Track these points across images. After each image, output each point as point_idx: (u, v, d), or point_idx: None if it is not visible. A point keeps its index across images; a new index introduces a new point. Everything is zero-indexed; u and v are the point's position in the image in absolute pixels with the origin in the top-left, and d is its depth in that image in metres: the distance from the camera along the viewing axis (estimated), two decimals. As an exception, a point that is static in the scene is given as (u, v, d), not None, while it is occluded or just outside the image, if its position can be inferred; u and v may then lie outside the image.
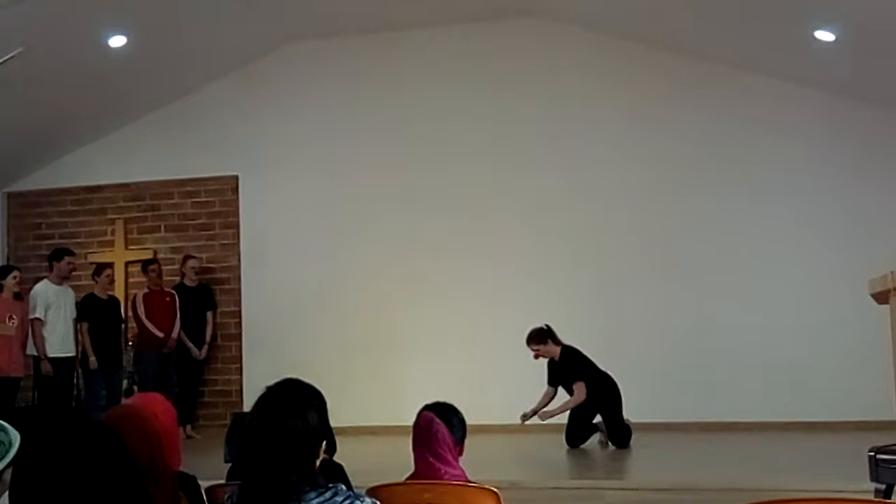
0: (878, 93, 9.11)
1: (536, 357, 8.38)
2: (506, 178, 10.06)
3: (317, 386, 2.68)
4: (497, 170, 10.09)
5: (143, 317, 9.71)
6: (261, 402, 2.38)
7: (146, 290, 9.98)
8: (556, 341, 8.42)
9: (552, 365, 8.47)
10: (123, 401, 9.10)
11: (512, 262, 9.96)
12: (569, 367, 8.31)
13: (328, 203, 10.49)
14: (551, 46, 10.15)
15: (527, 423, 8.36)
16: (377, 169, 10.36)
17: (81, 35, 8.87)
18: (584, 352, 8.55)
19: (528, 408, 8.33)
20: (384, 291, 10.17)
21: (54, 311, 8.91)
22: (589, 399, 8.21)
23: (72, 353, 9.06)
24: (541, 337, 8.37)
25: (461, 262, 10.02)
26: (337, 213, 10.45)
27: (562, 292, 9.78)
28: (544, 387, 9.17)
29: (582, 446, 8.29)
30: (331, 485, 2.32)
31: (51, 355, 8.81)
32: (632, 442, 8.27)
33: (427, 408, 3.42)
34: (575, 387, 8.24)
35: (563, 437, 8.27)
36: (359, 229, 10.35)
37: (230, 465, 4.09)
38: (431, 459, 3.28)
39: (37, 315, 8.82)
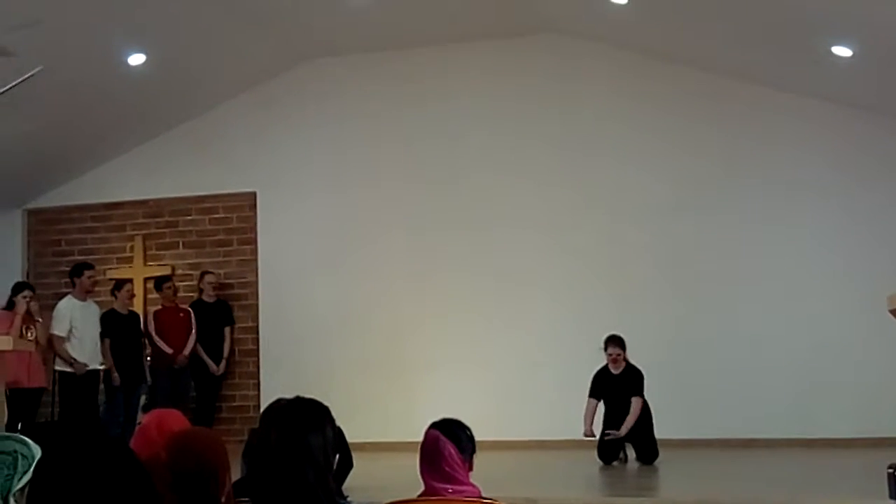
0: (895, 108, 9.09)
1: (615, 361, 8.29)
2: (523, 195, 10.07)
3: (335, 401, 2.70)
4: (514, 186, 10.09)
5: (153, 334, 9.77)
6: (277, 420, 2.39)
7: (159, 307, 10.06)
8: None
9: (605, 377, 8.39)
10: (140, 416, 9.17)
11: (530, 278, 9.95)
12: (634, 380, 8.26)
13: (345, 219, 10.52)
14: (562, 62, 10.15)
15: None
16: (393, 185, 10.39)
17: (101, 53, 8.96)
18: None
19: (587, 427, 8.27)
20: (401, 306, 10.18)
21: (81, 327, 8.97)
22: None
23: (98, 368, 9.11)
24: (623, 343, 8.36)
25: (479, 278, 10.02)
26: (354, 229, 10.48)
27: (580, 308, 9.76)
28: (561, 402, 9.19)
29: (592, 463, 8.27)
30: (343, 500, 2.34)
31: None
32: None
33: (434, 425, 3.39)
34: (634, 400, 8.20)
35: (595, 453, 8.23)
36: (375, 245, 10.37)
37: (235, 481, 4.05)
38: (437, 482, 3.25)
39: (56, 332, 8.89)
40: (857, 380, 9.03)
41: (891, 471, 4.27)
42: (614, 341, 8.35)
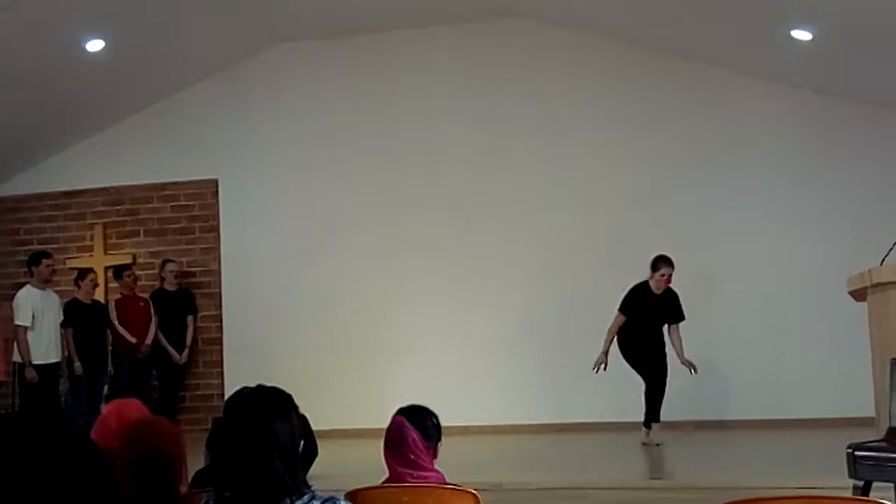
0: (854, 90, 9.19)
1: (668, 281, 8.07)
2: (491, 180, 10.05)
3: (300, 388, 2.69)
4: (482, 171, 10.07)
5: (115, 323, 9.67)
6: (241, 409, 2.38)
7: (119, 297, 9.95)
8: None
9: (645, 295, 8.13)
10: (102, 407, 9.08)
11: (496, 263, 9.95)
12: (676, 302, 8.11)
13: (309, 206, 10.45)
14: (536, 47, 10.14)
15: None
16: (359, 171, 10.33)
17: (59, 40, 8.81)
18: (571, 352, 8.59)
19: (606, 346, 8.18)
20: (366, 293, 10.15)
21: (40, 317, 8.85)
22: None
23: (57, 360, 9.00)
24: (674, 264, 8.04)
25: (444, 264, 10.01)
26: (318, 216, 10.42)
27: (547, 292, 9.78)
28: (528, 387, 9.23)
29: (559, 446, 8.32)
30: (307, 489, 2.33)
31: (36, 362, 8.76)
32: (617, 440, 8.33)
33: (400, 411, 3.40)
34: (675, 328, 8.13)
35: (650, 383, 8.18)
36: (340, 232, 10.31)
37: (197, 470, 4.02)
38: (401, 467, 3.27)
39: (20, 322, 8.76)
40: (817, 360, 9.14)
41: (850, 451, 4.33)
42: (668, 262, 8.06)
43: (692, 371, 8.04)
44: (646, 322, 8.13)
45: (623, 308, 8.19)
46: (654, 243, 9.64)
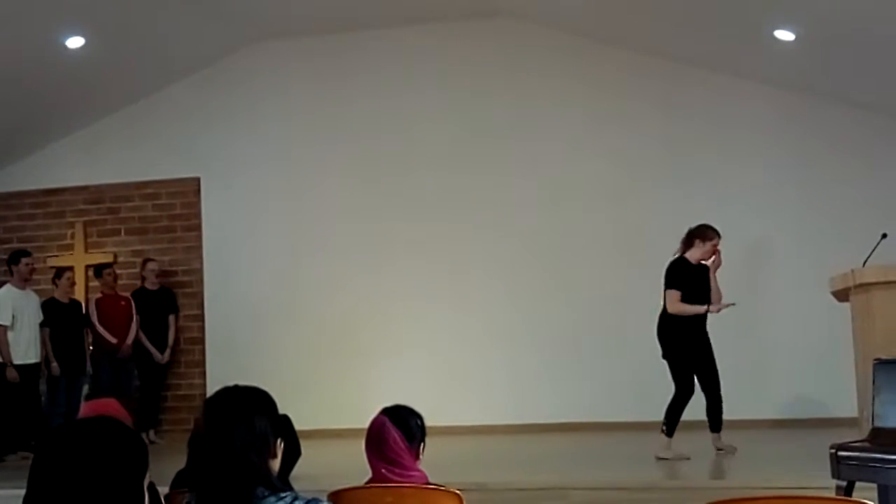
0: (837, 90, 9.22)
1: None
2: (471, 181, 10.01)
3: (283, 388, 2.65)
4: (462, 172, 10.04)
5: (95, 323, 9.60)
6: (218, 406, 2.37)
7: (99, 296, 9.88)
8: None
9: (688, 268, 7.39)
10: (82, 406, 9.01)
11: (477, 263, 9.93)
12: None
13: (292, 205, 10.40)
14: (514, 46, 10.12)
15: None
16: (342, 171, 10.29)
17: (38, 36, 8.73)
18: (553, 353, 8.52)
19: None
20: (350, 292, 10.11)
21: (20, 317, 8.79)
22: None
23: (37, 360, 8.93)
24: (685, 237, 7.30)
25: (427, 266, 9.98)
26: (301, 215, 10.37)
27: (527, 293, 9.77)
28: (510, 387, 9.22)
29: (542, 446, 8.28)
30: (287, 491, 2.30)
31: (17, 362, 8.69)
32: (599, 440, 8.30)
33: (384, 411, 3.38)
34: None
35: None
36: (323, 231, 10.27)
37: (178, 470, 3.98)
38: (383, 468, 3.26)
39: (0, 322, 8.69)
40: (800, 360, 9.16)
41: (833, 451, 4.33)
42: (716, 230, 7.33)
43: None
44: (698, 299, 7.32)
45: (676, 284, 7.31)
46: (633, 243, 9.67)
